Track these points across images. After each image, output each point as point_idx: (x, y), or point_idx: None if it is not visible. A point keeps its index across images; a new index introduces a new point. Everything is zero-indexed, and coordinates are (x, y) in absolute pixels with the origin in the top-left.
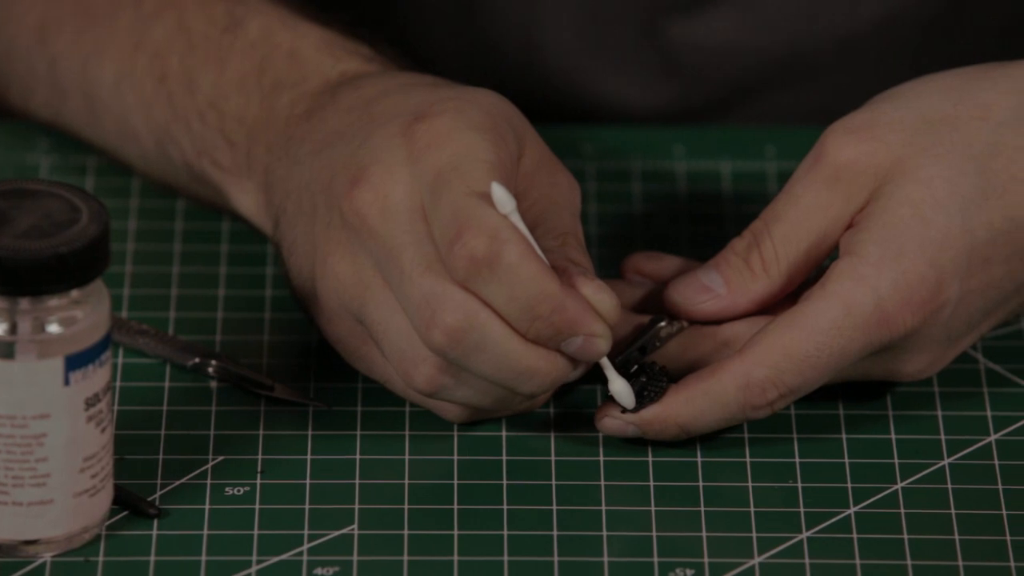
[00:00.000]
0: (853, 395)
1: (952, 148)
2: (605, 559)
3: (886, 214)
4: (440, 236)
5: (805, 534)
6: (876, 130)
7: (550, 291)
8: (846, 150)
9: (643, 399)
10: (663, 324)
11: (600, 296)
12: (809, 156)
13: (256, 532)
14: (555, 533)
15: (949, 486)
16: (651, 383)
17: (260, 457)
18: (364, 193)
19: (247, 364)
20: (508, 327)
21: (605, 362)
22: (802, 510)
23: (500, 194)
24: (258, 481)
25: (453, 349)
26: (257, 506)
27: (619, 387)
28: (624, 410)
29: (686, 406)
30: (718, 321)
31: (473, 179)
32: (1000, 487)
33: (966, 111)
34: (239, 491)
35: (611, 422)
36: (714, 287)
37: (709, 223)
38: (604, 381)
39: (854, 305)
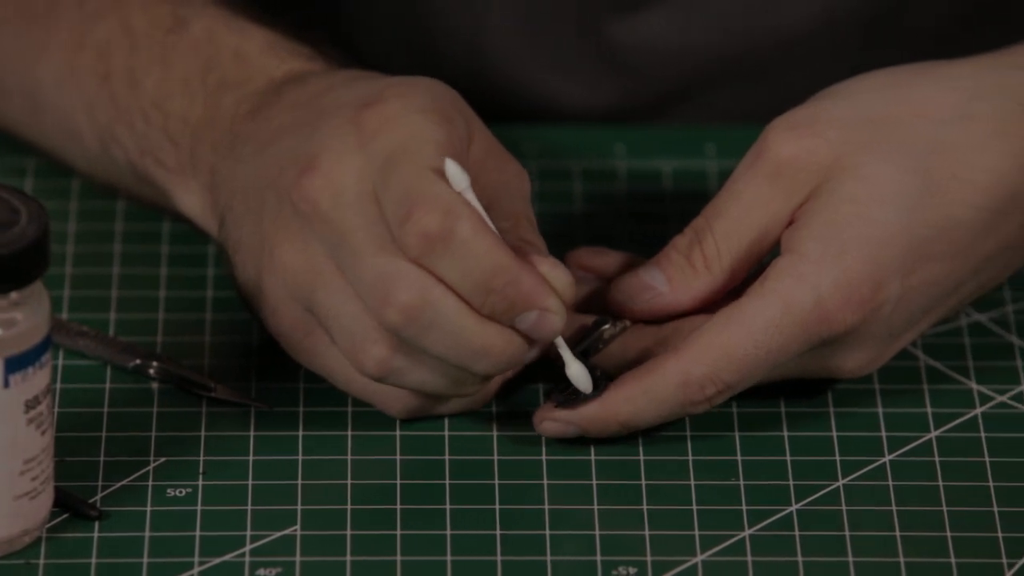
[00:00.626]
0: (794, 393)
1: (893, 145)
2: (548, 558)
3: (827, 211)
4: (392, 215)
5: (747, 532)
6: (817, 126)
7: (505, 264)
8: (787, 146)
9: (580, 402)
10: (607, 327)
11: (555, 272)
12: (750, 152)
13: (198, 533)
14: (498, 532)
15: (890, 483)
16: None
17: (202, 458)
18: (315, 180)
19: (188, 365)
20: (463, 303)
21: (561, 343)
22: (744, 508)
23: (454, 170)
24: (200, 482)
25: (408, 327)
26: (199, 507)
27: (576, 371)
28: (559, 404)
29: (626, 404)
30: (661, 319)
31: (424, 158)
32: (940, 483)
33: (907, 109)
34: (181, 492)
35: (551, 425)
36: (656, 285)
37: (650, 222)
38: (559, 368)
39: (793, 303)
